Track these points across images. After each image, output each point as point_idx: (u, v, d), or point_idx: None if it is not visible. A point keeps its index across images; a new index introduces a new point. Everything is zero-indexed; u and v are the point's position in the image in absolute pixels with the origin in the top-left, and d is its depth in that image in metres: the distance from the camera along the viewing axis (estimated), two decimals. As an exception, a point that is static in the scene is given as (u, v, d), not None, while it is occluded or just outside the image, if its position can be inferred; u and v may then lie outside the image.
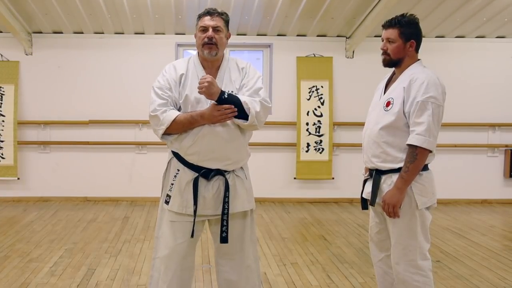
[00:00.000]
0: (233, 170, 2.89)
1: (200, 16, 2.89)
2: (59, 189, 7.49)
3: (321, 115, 7.48)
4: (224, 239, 2.84)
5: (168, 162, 2.93)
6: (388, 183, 2.88)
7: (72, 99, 7.44)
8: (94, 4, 6.52)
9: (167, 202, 2.87)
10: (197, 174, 2.81)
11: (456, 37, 7.62)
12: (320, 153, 7.50)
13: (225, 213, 2.82)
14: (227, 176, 2.85)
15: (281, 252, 5.06)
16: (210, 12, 2.86)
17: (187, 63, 2.90)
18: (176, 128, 2.75)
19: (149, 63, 7.34)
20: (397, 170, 2.84)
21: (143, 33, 7.45)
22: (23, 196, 7.46)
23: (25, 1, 6.47)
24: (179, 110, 2.81)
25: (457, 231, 5.98)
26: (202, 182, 2.82)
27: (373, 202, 2.93)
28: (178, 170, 2.85)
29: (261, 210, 6.99)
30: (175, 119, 2.72)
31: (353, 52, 7.57)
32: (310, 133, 7.50)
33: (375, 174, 2.93)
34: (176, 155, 2.88)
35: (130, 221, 6.31)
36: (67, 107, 7.42)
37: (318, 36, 7.57)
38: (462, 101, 7.53)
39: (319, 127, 7.49)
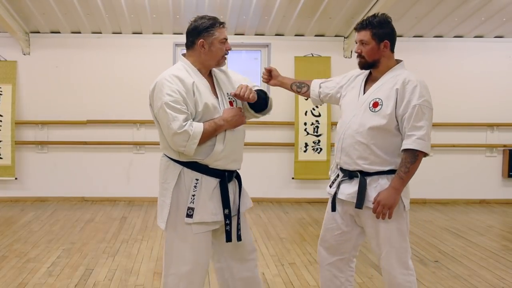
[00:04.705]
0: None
1: (214, 26, 2.79)
2: (56, 189, 7.47)
3: (319, 115, 7.48)
4: (240, 237, 2.90)
5: (179, 175, 2.78)
6: (373, 185, 2.84)
7: (69, 99, 7.42)
8: (92, 4, 6.51)
9: (190, 216, 2.76)
10: (218, 180, 2.80)
11: (455, 36, 7.61)
12: (318, 153, 7.50)
13: (239, 211, 2.91)
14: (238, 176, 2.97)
15: (279, 252, 5.05)
16: (223, 24, 2.84)
17: (186, 71, 2.81)
18: (203, 139, 2.70)
19: (147, 63, 7.35)
20: (385, 172, 2.82)
21: (141, 33, 7.44)
22: (20, 196, 7.44)
23: (22, 1, 6.44)
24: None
25: (456, 231, 5.98)
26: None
27: (360, 205, 2.84)
28: (197, 179, 2.77)
29: (259, 210, 6.99)
30: (204, 130, 2.68)
31: (351, 52, 7.56)
32: (308, 133, 7.49)
33: (361, 177, 2.86)
34: (191, 165, 2.78)
35: (128, 221, 6.30)
36: (64, 107, 7.41)
37: (316, 36, 7.57)
38: (461, 101, 7.53)
39: (317, 127, 7.49)
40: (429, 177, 7.48)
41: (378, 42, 2.85)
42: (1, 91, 7.28)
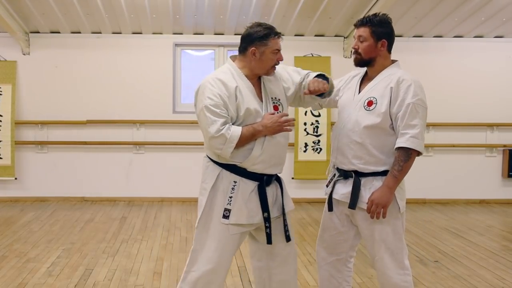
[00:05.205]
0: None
1: (269, 36, 2.80)
2: (56, 189, 7.47)
3: (319, 115, 7.48)
4: (289, 238, 2.94)
5: (217, 176, 2.82)
6: (368, 187, 2.83)
7: (69, 99, 7.42)
8: (91, 4, 6.50)
9: (226, 217, 2.80)
10: (257, 183, 2.83)
11: (454, 36, 7.61)
12: (318, 153, 7.50)
13: (283, 213, 2.94)
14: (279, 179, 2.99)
15: (279, 252, 5.04)
16: (278, 34, 2.84)
17: (231, 75, 2.82)
18: (240, 143, 2.72)
19: (147, 63, 7.35)
20: (380, 174, 2.82)
21: (140, 33, 7.44)
22: (20, 196, 7.44)
23: (22, 1, 6.44)
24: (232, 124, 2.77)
25: (455, 231, 5.98)
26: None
27: (353, 205, 2.84)
28: (235, 182, 2.80)
29: (259, 210, 6.97)
30: (241, 134, 2.70)
31: (351, 51, 7.54)
32: (308, 133, 7.49)
33: (356, 177, 2.86)
34: (229, 167, 2.81)
35: (128, 221, 6.30)
36: (64, 107, 7.41)
37: (316, 36, 7.57)
38: (460, 101, 7.53)
39: (317, 127, 7.49)
40: (429, 177, 7.49)
41: (376, 40, 2.86)
42: (1, 91, 7.28)
